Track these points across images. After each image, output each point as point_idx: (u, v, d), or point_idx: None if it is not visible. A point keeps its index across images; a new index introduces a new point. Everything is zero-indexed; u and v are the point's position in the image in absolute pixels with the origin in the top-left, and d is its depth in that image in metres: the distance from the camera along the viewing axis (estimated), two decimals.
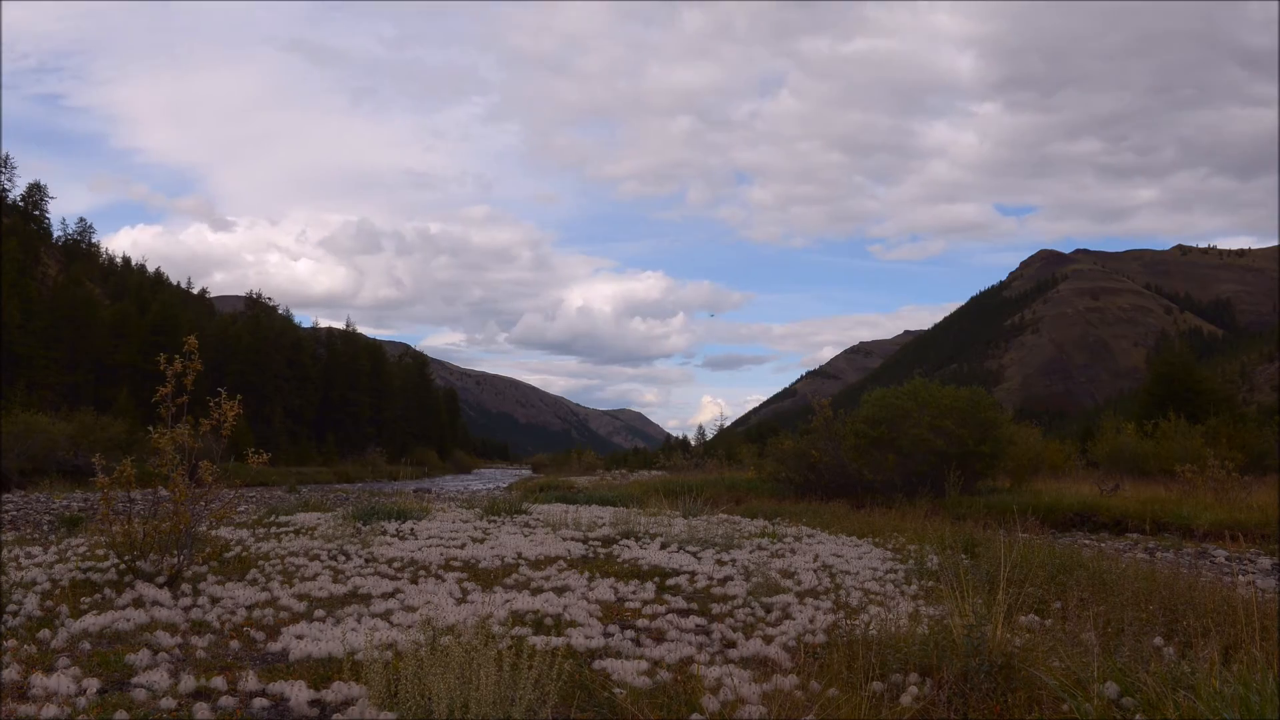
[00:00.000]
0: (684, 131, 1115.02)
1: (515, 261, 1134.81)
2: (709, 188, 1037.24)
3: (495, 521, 13.70)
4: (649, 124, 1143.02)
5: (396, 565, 8.75)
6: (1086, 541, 13.79)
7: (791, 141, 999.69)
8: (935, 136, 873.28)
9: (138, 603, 6.55)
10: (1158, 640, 5.28)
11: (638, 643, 5.82)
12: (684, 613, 6.87)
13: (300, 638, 5.63)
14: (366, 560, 9.00)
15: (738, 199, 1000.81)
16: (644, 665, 5.07)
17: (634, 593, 7.55)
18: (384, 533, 11.55)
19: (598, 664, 5.14)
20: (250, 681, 4.62)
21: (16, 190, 77.40)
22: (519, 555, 9.55)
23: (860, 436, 21.76)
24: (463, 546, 10.19)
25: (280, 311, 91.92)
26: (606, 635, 5.89)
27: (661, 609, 6.89)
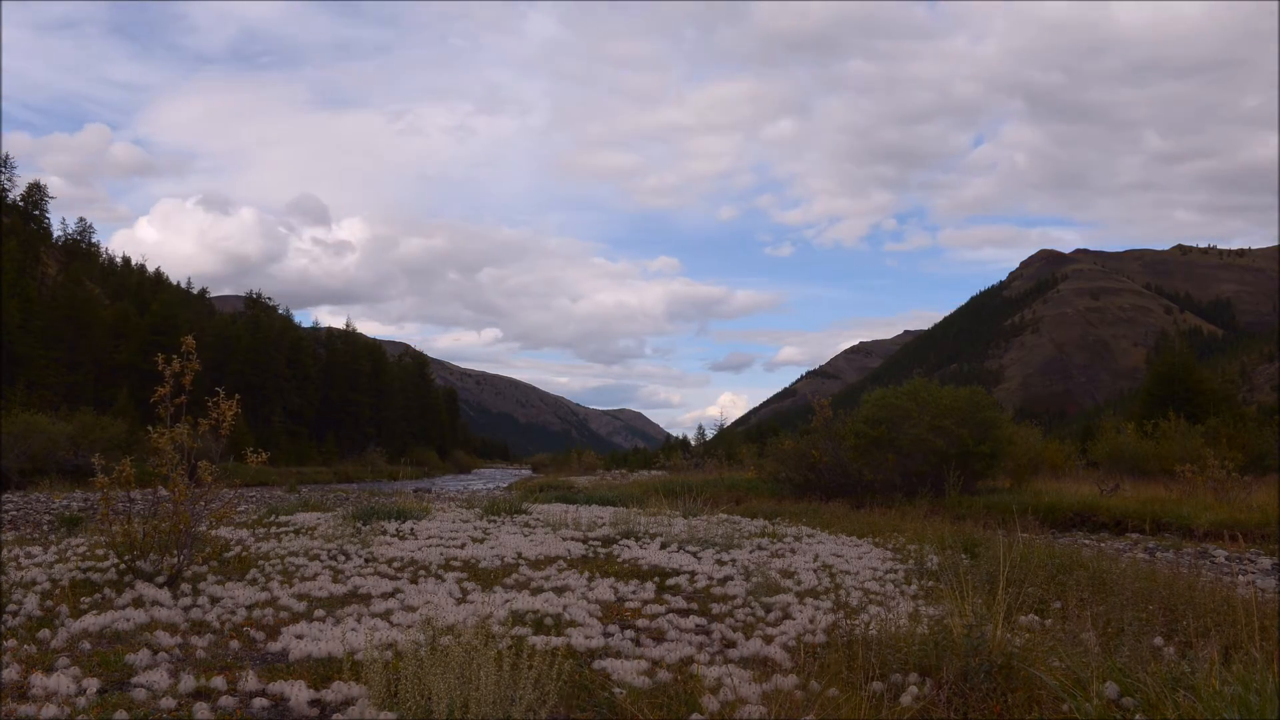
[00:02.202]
0: (717, 142, 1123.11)
1: (543, 266, 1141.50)
2: (743, 198, 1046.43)
3: (495, 521, 13.71)
4: (684, 135, 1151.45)
5: (396, 565, 8.75)
6: (1086, 541, 13.79)
7: (829, 154, 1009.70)
8: (978, 154, 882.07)
9: (138, 603, 6.55)
10: (1158, 640, 5.28)
11: (637, 643, 5.82)
12: (684, 613, 6.87)
13: (300, 637, 5.63)
14: (366, 560, 9.00)
15: (768, 207, 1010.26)
16: (644, 665, 5.07)
17: (634, 593, 7.55)
18: (384, 533, 11.55)
19: (598, 664, 5.14)
20: (250, 681, 4.62)
21: (16, 190, 77.45)
22: (519, 555, 9.55)
23: (860, 436, 21.76)
24: (463, 546, 10.19)
25: (280, 311, 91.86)
26: (606, 635, 5.89)
27: (661, 609, 6.89)
